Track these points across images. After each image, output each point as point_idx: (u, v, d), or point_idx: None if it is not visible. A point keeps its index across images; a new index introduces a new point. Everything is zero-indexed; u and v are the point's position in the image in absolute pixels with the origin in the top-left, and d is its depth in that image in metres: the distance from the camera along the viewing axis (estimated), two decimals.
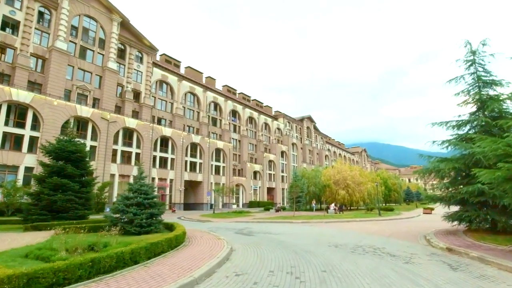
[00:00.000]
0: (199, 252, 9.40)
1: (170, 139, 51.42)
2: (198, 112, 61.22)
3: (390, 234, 15.72)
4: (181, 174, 52.21)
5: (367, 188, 42.66)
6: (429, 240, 12.59)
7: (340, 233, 16.42)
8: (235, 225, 21.68)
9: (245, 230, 18.02)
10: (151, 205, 14.44)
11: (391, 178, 64.87)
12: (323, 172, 45.46)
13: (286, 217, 28.29)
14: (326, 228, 19.16)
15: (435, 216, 32.53)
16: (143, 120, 47.19)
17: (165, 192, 50.27)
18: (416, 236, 14.80)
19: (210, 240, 12.38)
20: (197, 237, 13.54)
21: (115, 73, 43.86)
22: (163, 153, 50.67)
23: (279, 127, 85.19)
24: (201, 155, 57.64)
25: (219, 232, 17.34)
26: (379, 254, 9.91)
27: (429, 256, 9.70)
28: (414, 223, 23.63)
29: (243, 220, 26.33)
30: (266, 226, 21.19)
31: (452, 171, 14.07)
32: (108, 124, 41.12)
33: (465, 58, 15.01)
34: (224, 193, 40.13)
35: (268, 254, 10.13)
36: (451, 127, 15.27)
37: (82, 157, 18.97)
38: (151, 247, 8.15)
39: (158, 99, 53.29)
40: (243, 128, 71.97)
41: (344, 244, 12.23)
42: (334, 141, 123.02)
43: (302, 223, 23.21)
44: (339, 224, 22.71)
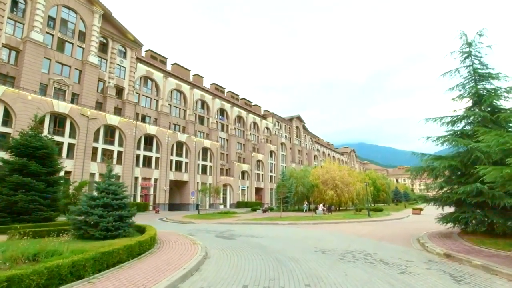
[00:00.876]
0: (165, 262, 8.07)
1: (154, 137, 49.62)
2: (184, 110, 59.51)
3: (381, 237, 14.70)
4: (166, 173, 50.49)
5: (356, 188, 41.91)
6: (423, 244, 11.58)
7: (328, 236, 15.31)
8: (217, 227, 20.37)
9: (226, 233, 16.74)
10: (120, 206, 13.00)
11: (380, 178, 64.63)
12: (311, 172, 44.51)
13: (273, 218, 27.13)
14: (313, 231, 18.05)
15: (424, 216, 31.95)
16: (126, 117, 45.29)
17: (149, 192, 48.49)
18: (408, 239, 13.82)
19: (183, 246, 11.05)
20: (170, 241, 12.20)
21: (96, 67, 41.85)
22: (147, 152, 48.83)
23: (268, 127, 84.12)
24: (187, 154, 55.99)
25: (198, 235, 16.03)
26: (371, 262, 8.80)
27: (427, 264, 8.64)
28: (404, 224, 22.80)
29: (227, 221, 25.03)
30: (250, 228, 19.95)
31: (447, 169, 13.14)
32: (88, 120, 39.14)
33: (460, 50, 14.13)
34: (209, 193, 38.62)
35: (246, 262, 8.89)
36: (445, 123, 14.38)
37: (49, 153, 17.31)
38: (102, 257, 6.77)
39: (143, 96, 51.39)
40: (231, 127, 70.57)
41: (332, 249, 11.10)
42: (323, 141, 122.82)
43: (288, 225, 22.07)
44: (327, 225, 21.66)
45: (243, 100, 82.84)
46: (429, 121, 14.42)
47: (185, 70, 64.93)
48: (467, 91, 13.95)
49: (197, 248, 10.49)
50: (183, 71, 63.76)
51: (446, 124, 14.37)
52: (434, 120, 14.31)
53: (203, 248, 10.63)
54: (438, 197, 12.92)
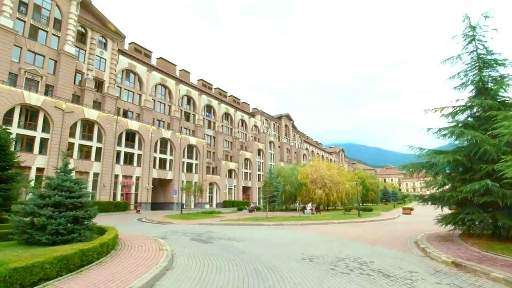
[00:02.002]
0: (109, 277, 6.31)
1: (137, 134, 47.32)
2: (169, 106, 57.29)
3: (374, 240, 13.27)
4: (149, 171, 48.25)
5: (345, 187, 40.74)
6: (424, 250, 10.15)
7: (317, 239, 13.79)
8: (196, 229, 18.62)
9: (204, 236, 15.02)
10: (76, 206, 11.12)
11: (369, 177, 63.90)
12: (300, 171, 43.12)
13: (258, 218, 25.52)
14: (300, 233, 16.51)
15: (415, 216, 30.97)
16: (106, 111, 42.86)
17: (130, 191, 46.19)
18: (405, 243, 12.42)
19: (146, 252, 9.30)
20: (133, 246, 10.42)
21: (73, 58, 39.31)
22: (129, 149, 46.50)
23: (256, 125, 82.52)
24: (171, 151, 53.83)
25: (172, 238, 14.28)
26: (369, 274, 7.26)
27: (435, 276, 7.15)
28: (397, 225, 21.54)
29: (209, 222, 23.28)
30: (232, 229, 18.28)
31: (450, 165, 11.77)
32: (64, 114, 36.66)
33: (464, 33, 12.79)
34: (192, 191, 36.71)
35: (217, 275, 7.22)
36: (445, 115, 13.05)
37: (2, 146, 15.20)
38: (13, 275, 4.98)
39: (125, 90, 48.97)
40: (218, 124, 68.64)
41: (322, 256, 9.55)
42: (312, 141, 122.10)
43: (274, 226, 20.49)
44: (316, 227, 20.19)
45: (231, 97, 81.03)
46: (429, 111, 13.06)
47: (171, 65, 62.71)
48: (470, 79, 12.64)
49: (161, 256, 8.75)
50: (168, 66, 61.51)
51: (446, 116, 13.04)
52: (434, 110, 12.96)
53: (168, 256, 8.90)
54: (438, 196, 11.52)
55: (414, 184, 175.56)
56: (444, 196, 10.90)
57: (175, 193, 38.74)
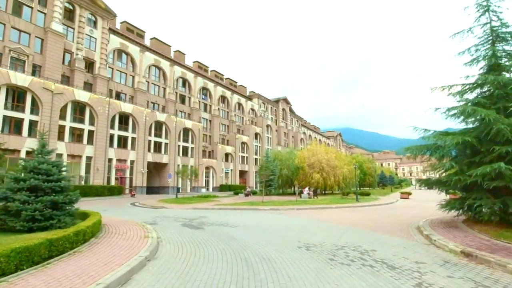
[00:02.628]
0: (76, 273, 5.50)
1: (130, 116, 46.13)
2: (164, 88, 55.78)
3: (375, 226, 12.64)
4: (143, 155, 47.40)
5: (342, 171, 40.20)
6: (429, 237, 9.49)
7: (314, 225, 13.15)
8: (189, 214, 17.97)
9: (196, 221, 14.34)
10: (55, 190, 10.31)
11: (366, 162, 63.55)
12: (297, 154, 42.42)
13: (254, 202, 24.95)
14: (297, 218, 15.89)
15: (413, 201, 30.59)
16: (98, 93, 41.49)
17: (125, 175, 45.45)
18: (407, 229, 11.79)
19: (128, 241, 8.55)
20: (117, 233, 9.68)
21: (61, 36, 37.54)
22: (123, 132, 45.43)
23: (253, 108, 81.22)
24: (167, 134, 52.81)
25: (162, 223, 13.59)
26: (371, 265, 6.55)
27: (444, 267, 6.46)
28: (396, 210, 21.02)
29: (203, 206, 22.67)
30: (226, 214, 17.64)
31: (457, 147, 10.98)
32: (53, 96, 35.32)
33: (477, 3, 11.71)
34: (186, 175, 36.05)
35: (203, 267, 6.49)
36: (452, 94, 12.14)
37: None
38: None
39: (117, 71, 47.34)
40: (214, 108, 67.33)
41: (319, 244, 8.86)
42: (310, 125, 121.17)
43: (270, 211, 19.90)
44: (313, 211, 19.61)
45: (228, 80, 79.29)
46: (435, 90, 12.15)
47: (165, 46, 60.65)
48: (481, 54, 11.67)
49: (144, 244, 8.01)
50: (163, 47, 59.49)
51: (454, 95, 12.14)
52: (441, 89, 12.05)
53: (153, 244, 8.15)
54: (445, 180, 10.76)
55: (411, 168, 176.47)
56: (451, 180, 10.15)
57: (170, 177, 38.07)
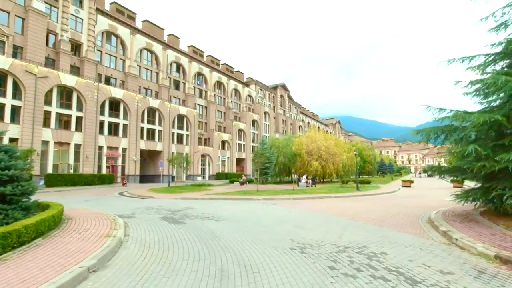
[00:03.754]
0: None
1: (121, 102, 44.21)
2: (157, 73, 53.61)
3: (380, 219, 11.12)
4: (136, 142, 45.73)
5: (342, 159, 38.69)
6: (447, 234, 7.96)
7: (311, 218, 11.62)
8: (175, 204, 16.45)
9: (180, 213, 12.81)
10: (3, 180, 8.68)
11: (366, 149, 62.06)
12: (295, 141, 40.81)
13: (248, 191, 23.46)
14: (293, 209, 14.37)
15: (416, 189, 29.18)
16: (86, 77, 39.48)
17: (116, 163, 43.89)
18: (417, 222, 10.29)
19: (81, 242, 6.96)
20: (76, 231, 8.09)
21: (44, 16, 35.22)
22: (114, 118, 43.61)
23: (250, 94, 79.10)
24: (160, 121, 51.03)
25: (141, 216, 12.06)
26: (385, 278, 4.99)
27: (481, 281, 4.89)
28: (399, 199, 19.55)
29: (193, 196, 21.17)
30: (215, 205, 16.13)
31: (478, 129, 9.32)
32: (36, 79, 33.33)
33: None
34: (178, 163, 34.50)
35: (163, 279, 4.91)
36: (472, 68, 10.41)
37: None
38: None
39: (106, 55, 45.11)
40: (210, 94, 65.28)
41: (317, 244, 7.32)
42: (309, 112, 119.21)
43: (264, 201, 18.39)
44: (310, 202, 18.12)
45: (224, 66, 76.90)
46: (453, 62, 10.42)
47: (158, 29, 58.07)
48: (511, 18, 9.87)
49: (99, 247, 6.43)
50: (155, 30, 56.95)
51: (473, 68, 10.41)
52: (460, 60, 10.31)
53: (110, 246, 6.56)
54: (465, 167, 9.13)
55: (410, 156, 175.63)
56: (474, 167, 8.54)
57: (161, 165, 36.52)
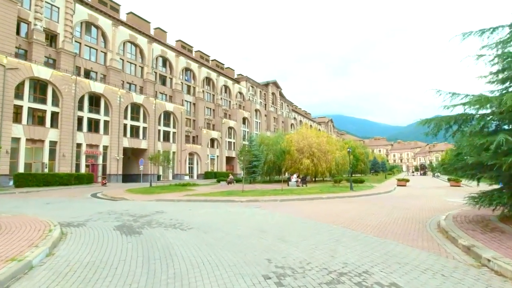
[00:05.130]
0: None
1: (102, 97, 41.73)
2: (141, 67, 51.14)
3: (380, 226, 9.24)
4: (118, 140, 43.30)
5: (334, 157, 36.96)
6: (472, 251, 6.09)
7: (298, 226, 9.69)
8: (145, 207, 14.36)
9: (143, 220, 10.74)
10: None
11: (359, 147, 60.67)
12: (285, 138, 38.91)
13: (232, 192, 21.45)
14: (277, 213, 12.43)
15: (412, 189, 27.60)
16: (62, 70, 36.90)
17: (97, 162, 41.40)
18: (426, 231, 8.44)
19: None
20: None
21: (13, 2, 32.54)
22: (94, 114, 41.12)
23: (241, 91, 77.00)
24: (145, 118, 48.66)
25: (94, 224, 9.96)
26: None
27: None
28: (397, 200, 17.77)
29: (170, 197, 19.08)
30: (190, 209, 14.08)
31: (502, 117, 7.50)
32: (5, 71, 30.71)
33: None
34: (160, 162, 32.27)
35: None
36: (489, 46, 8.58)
37: None
38: None
39: (86, 47, 42.50)
40: (198, 90, 62.97)
41: (301, 268, 5.35)
42: (301, 110, 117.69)
43: (247, 203, 16.41)
44: (299, 204, 16.22)
45: (214, 62, 74.57)
46: (468, 35, 8.58)
47: (144, 22, 55.45)
48: None
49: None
50: (141, 23, 54.34)
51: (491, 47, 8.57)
52: (479, 33, 8.47)
53: None
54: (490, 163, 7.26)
55: (401, 155, 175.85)
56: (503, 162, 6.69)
57: (141, 164, 34.27)
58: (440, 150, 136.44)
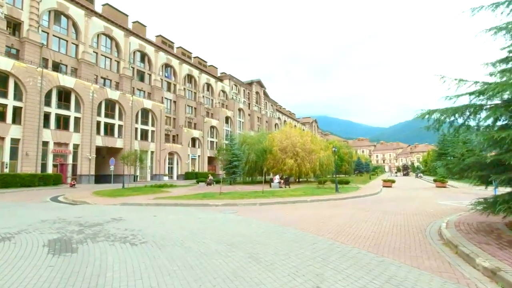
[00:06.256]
0: None
1: (73, 92, 38.92)
2: (117, 62, 48.39)
3: (375, 239, 7.74)
4: (90, 138, 40.56)
5: (319, 157, 35.72)
6: (500, 277, 4.62)
7: (276, 238, 8.06)
8: (103, 213, 12.40)
9: (89, 231, 8.83)
10: None
11: (343, 147, 59.91)
12: (268, 137, 37.38)
13: (208, 194, 19.65)
14: (254, 220, 10.76)
15: (399, 190, 26.63)
16: (26, 61, 33.96)
17: (67, 161, 38.54)
18: (429, 244, 7.00)
19: None
20: None
21: None
22: (63, 110, 38.27)
23: (224, 90, 75.03)
24: (121, 115, 46.02)
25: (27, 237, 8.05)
26: None
27: None
28: (387, 204, 16.48)
29: (137, 201, 17.10)
30: (155, 215, 12.21)
31: None
32: None
33: None
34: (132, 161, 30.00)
35: None
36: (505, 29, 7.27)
37: None
38: None
39: (54, 37, 39.49)
40: (179, 87, 60.60)
41: None
42: (285, 110, 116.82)
43: (223, 207, 14.69)
44: (280, 208, 14.63)
45: (197, 59, 72.33)
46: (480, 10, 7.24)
47: (121, 15, 52.63)
48: None
49: None
50: (117, 15, 51.53)
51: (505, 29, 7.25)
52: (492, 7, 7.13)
53: None
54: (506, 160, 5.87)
55: (384, 155, 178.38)
56: None
57: (112, 163, 31.88)
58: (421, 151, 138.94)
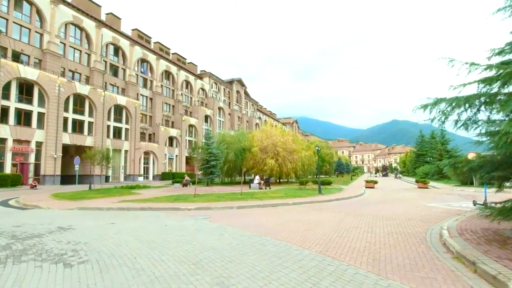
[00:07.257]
0: None
1: (36, 85, 35.82)
2: (88, 55, 45.33)
3: (371, 253, 6.42)
4: (56, 135, 37.50)
5: (301, 156, 34.67)
6: None
7: (251, 255, 6.58)
8: (52, 221, 10.49)
9: (18, 246, 7.01)
10: None
11: (324, 148, 59.43)
12: (248, 136, 35.93)
13: (181, 196, 17.91)
14: (229, 229, 9.22)
15: (383, 191, 25.88)
16: None
17: (28, 160, 35.37)
18: (437, 259, 5.77)
19: None
20: None
21: None
22: (24, 105, 35.10)
23: (203, 88, 72.87)
24: (91, 111, 43.08)
25: None
26: None
27: None
28: (375, 206, 15.41)
29: (98, 204, 15.13)
30: (114, 222, 10.42)
31: None
32: None
33: None
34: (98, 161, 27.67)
35: None
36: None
37: None
38: None
39: (14, 24, 36.16)
40: (156, 84, 57.96)
41: None
42: (266, 110, 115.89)
43: (195, 211, 13.06)
44: (259, 212, 13.18)
45: (175, 55, 69.80)
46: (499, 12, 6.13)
47: (93, 5, 49.47)
48: None
49: None
50: (89, 5, 48.35)
51: None
52: None
53: None
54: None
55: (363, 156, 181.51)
56: None
57: (77, 163, 29.36)
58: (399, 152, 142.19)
